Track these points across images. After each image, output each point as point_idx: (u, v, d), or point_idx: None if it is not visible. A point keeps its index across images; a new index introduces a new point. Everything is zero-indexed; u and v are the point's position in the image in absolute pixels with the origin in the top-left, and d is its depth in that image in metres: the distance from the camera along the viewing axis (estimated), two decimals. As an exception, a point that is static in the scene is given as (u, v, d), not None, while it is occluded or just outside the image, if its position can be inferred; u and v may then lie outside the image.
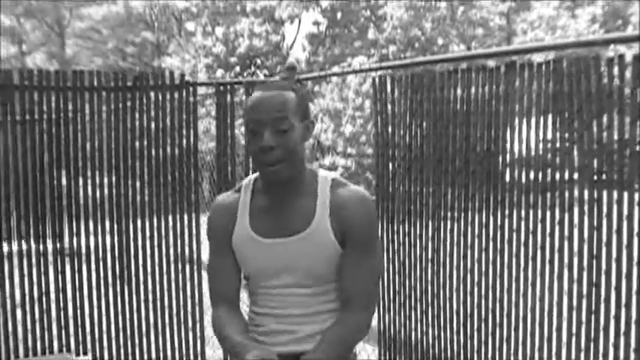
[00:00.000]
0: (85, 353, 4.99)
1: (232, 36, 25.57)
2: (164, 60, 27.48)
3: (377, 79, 4.77)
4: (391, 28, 25.96)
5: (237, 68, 24.19)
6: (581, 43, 4.30)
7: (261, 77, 5.37)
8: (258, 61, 23.68)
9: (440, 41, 26.63)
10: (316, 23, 27.93)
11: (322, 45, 27.86)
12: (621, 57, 3.41)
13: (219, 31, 25.86)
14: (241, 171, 5.71)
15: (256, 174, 2.54)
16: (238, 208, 2.50)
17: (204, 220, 5.58)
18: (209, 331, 5.72)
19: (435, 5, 26.37)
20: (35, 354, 4.92)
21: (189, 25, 27.50)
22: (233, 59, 24.79)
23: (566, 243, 3.69)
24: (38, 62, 29.15)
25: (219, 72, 23.35)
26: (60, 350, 4.96)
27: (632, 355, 3.43)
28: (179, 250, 5.29)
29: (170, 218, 5.27)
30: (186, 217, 5.30)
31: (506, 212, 4.00)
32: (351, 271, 2.44)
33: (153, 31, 30.83)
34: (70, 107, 5.00)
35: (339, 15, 27.57)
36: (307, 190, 2.46)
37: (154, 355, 5.27)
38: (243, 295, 2.78)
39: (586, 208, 3.58)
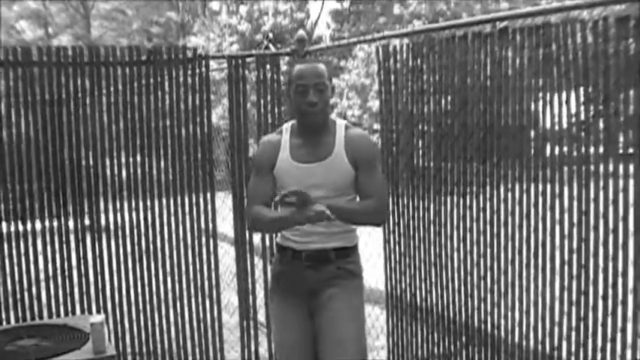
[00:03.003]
0: (99, 311, 5.22)
1: (257, 14, 25.64)
2: (189, 40, 27.58)
3: (380, 49, 4.92)
4: (417, 3, 25.89)
5: (264, 44, 24.24)
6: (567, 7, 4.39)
7: (273, 50, 5.48)
8: (270, 35, 23.68)
9: (465, 16, 26.50)
10: (340, 0, 27.91)
11: (347, 21, 27.84)
12: (605, 19, 3.53)
13: (244, 9, 25.91)
14: (253, 142, 5.85)
15: (292, 121, 3.61)
16: (281, 144, 3.56)
17: (219, 195, 5.82)
18: (225, 296, 5.97)
19: (460, -21, 26.21)
20: (58, 316, 5.16)
21: (214, 4, 27.58)
22: (258, 37, 24.85)
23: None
24: (64, 44, 29.35)
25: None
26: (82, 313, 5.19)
27: (620, 307, 3.59)
28: (195, 222, 5.49)
29: (186, 193, 5.45)
30: (201, 187, 5.48)
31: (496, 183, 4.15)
32: (365, 181, 3.50)
33: (177, 10, 30.96)
34: (88, 84, 5.18)
35: (363, -9, 27.52)
36: (329, 131, 3.53)
37: (172, 320, 5.47)
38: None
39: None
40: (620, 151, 3.61)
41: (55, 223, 5.14)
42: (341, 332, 3.45)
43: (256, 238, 5.65)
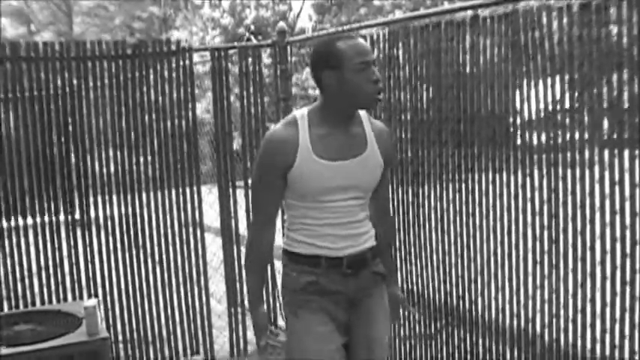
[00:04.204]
0: (95, 295, 5.39)
1: (239, 7, 25.75)
2: (172, 34, 27.67)
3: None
4: (397, -7, 26.08)
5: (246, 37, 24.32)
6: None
7: (255, 42, 5.57)
8: (252, 28, 23.77)
9: (446, 5, 26.63)
10: (322, -8, 28.01)
11: (328, 13, 27.95)
12: (569, 6, 3.71)
13: (226, 3, 26.00)
14: (238, 136, 6.00)
15: (303, 109, 3.02)
16: (299, 139, 2.92)
17: (205, 189, 5.96)
18: (212, 283, 6.13)
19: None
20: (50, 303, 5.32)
21: (196, -2, 27.62)
22: (241, 30, 24.94)
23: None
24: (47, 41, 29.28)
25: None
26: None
27: (588, 279, 3.78)
28: (182, 213, 5.66)
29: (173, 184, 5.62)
30: (187, 179, 5.64)
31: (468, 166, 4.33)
32: (385, 182, 3.23)
33: (159, 5, 31.00)
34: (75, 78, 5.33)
35: (345, -18, 27.64)
36: (357, 121, 3.05)
37: (161, 306, 5.64)
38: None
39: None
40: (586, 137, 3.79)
41: (46, 217, 5.29)
42: (379, 345, 3.19)
43: (242, 227, 5.82)
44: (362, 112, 3.07)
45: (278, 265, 3.37)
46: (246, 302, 5.90)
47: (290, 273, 3.10)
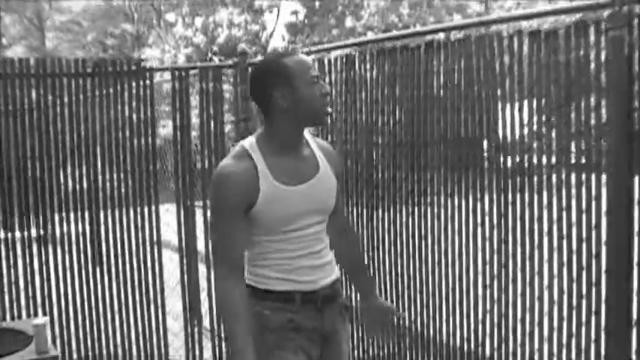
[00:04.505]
0: (44, 314, 5.36)
1: (212, 26, 25.83)
2: (144, 51, 27.69)
3: (316, 62, 5.12)
4: (368, 15, 26.29)
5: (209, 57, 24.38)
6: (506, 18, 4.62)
7: (216, 61, 5.61)
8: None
9: (418, 27, 26.86)
10: (295, 12, 28.17)
11: (301, 34, 28.09)
12: (520, 32, 3.78)
13: (199, 21, 26.09)
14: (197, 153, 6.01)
15: (249, 139, 2.83)
16: (258, 170, 2.74)
17: (164, 208, 5.96)
18: (169, 302, 6.12)
19: (411, -8, 26.66)
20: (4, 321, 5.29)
21: (170, 16, 27.65)
22: (215, 48, 24.99)
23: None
24: (19, 55, 29.20)
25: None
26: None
27: (537, 303, 3.82)
28: (140, 231, 5.66)
29: (132, 203, 5.62)
30: (146, 197, 5.64)
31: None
32: (340, 199, 3.05)
33: (133, 22, 31.02)
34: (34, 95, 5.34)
35: (317, 4, 27.82)
36: (305, 142, 2.90)
37: (117, 324, 5.62)
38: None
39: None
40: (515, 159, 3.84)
41: (2, 235, 5.27)
42: None
43: (200, 244, 5.82)
44: (306, 134, 2.91)
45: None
46: (205, 323, 5.91)
47: (262, 312, 2.84)
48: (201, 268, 5.86)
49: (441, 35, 4.36)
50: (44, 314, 5.37)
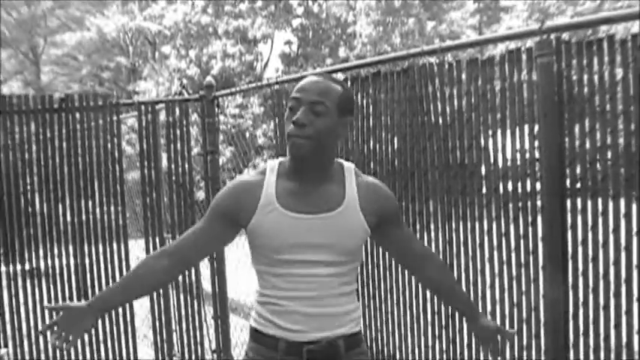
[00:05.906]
0: (6, 346, 5.42)
1: (205, 58, 26.05)
2: (138, 84, 27.90)
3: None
4: (361, 45, 26.51)
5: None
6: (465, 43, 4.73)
7: (186, 95, 5.69)
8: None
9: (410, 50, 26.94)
10: (288, 43, 28.39)
11: (294, 64, 28.29)
12: (458, 62, 3.89)
13: (193, 53, 26.31)
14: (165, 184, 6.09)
15: (277, 160, 2.67)
16: (263, 187, 2.57)
17: (132, 243, 6.03)
18: (140, 332, 6.18)
19: (403, 21, 26.87)
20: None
21: (164, 49, 27.87)
22: (208, 79, 25.11)
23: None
24: (15, 90, 29.37)
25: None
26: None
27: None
28: (109, 264, 5.72)
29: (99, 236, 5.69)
30: (114, 232, 5.72)
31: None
32: (406, 237, 2.83)
33: (127, 55, 31.25)
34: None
35: (310, 34, 28.06)
36: (336, 179, 2.61)
37: (88, 357, 5.66)
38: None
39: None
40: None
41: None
42: None
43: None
44: (348, 166, 2.68)
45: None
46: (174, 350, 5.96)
47: (247, 352, 2.68)
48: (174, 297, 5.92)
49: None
50: (15, 347, 5.43)
